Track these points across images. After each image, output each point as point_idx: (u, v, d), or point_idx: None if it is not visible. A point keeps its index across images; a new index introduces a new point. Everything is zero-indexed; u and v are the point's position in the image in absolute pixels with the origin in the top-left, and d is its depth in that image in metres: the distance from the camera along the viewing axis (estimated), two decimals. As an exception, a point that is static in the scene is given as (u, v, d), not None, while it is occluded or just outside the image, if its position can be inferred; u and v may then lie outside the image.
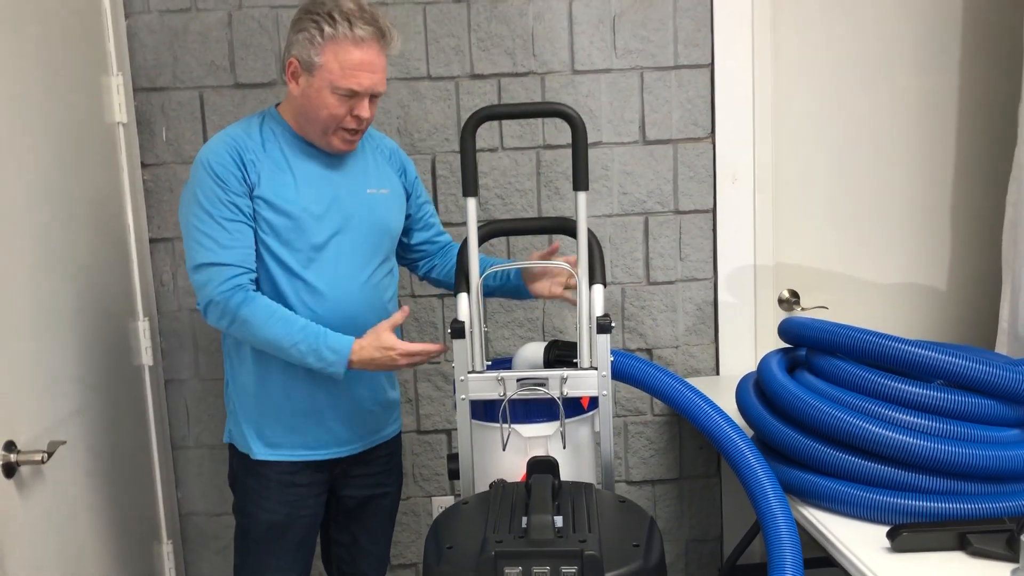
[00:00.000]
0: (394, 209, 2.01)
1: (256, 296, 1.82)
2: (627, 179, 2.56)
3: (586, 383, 1.75)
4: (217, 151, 1.83)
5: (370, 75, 1.81)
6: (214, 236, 1.80)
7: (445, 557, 1.47)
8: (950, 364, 1.68)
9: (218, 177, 1.81)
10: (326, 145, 1.89)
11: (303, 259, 1.87)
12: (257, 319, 1.80)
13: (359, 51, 1.79)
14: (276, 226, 1.85)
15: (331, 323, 1.85)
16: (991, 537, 1.53)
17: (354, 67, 1.80)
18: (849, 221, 2.67)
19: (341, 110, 1.83)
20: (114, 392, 2.16)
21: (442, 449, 2.63)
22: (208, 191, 1.81)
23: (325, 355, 1.80)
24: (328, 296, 1.88)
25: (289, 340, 1.80)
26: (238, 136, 1.87)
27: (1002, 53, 2.59)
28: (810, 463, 1.76)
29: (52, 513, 1.80)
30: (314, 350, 1.80)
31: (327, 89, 1.81)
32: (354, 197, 1.92)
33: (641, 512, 1.61)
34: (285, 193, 1.85)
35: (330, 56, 1.79)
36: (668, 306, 2.62)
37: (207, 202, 1.81)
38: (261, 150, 1.87)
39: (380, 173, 2.00)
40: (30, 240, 1.79)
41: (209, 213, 1.81)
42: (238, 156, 1.83)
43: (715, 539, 2.74)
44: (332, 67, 1.80)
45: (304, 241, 1.86)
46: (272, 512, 1.95)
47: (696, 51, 2.52)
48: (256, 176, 1.84)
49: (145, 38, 2.40)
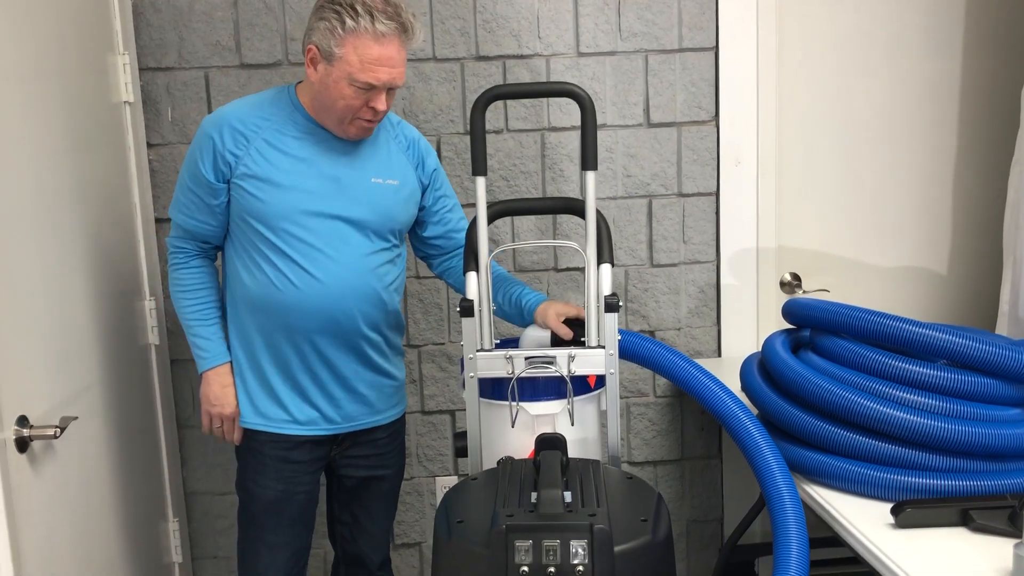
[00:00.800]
0: (401, 200, 2.00)
1: (186, 267, 2.00)
2: (631, 162, 2.57)
3: (594, 361, 1.77)
4: (209, 131, 1.91)
5: (389, 70, 1.82)
6: (184, 199, 1.97)
7: (455, 531, 1.49)
8: (953, 344, 1.69)
9: (199, 158, 1.91)
10: (342, 133, 1.91)
11: (290, 239, 1.89)
12: (174, 285, 2.01)
13: (379, 46, 1.79)
14: (258, 207, 1.88)
15: (316, 304, 1.90)
16: (993, 513, 1.55)
17: (373, 61, 1.79)
18: (851, 205, 2.69)
19: (357, 101, 1.84)
20: (122, 371, 2.17)
21: (446, 430, 2.65)
22: (190, 162, 1.94)
23: (202, 353, 2.01)
24: (316, 277, 1.90)
25: (190, 319, 2.00)
26: (245, 114, 1.91)
27: (1005, 39, 2.60)
28: (815, 441, 1.78)
29: (62, 489, 1.81)
30: (200, 339, 2.00)
31: (345, 80, 1.81)
32: (356, 184, 1.93)
33: (648, 488, 1.63)
34: (279, 174, 1.88)
35: (350, 49, 1.79)
36: (671, 288, 2.63)
37: (187, 171, 1.95)
38: (266, 124, 1.90)
39: (391, 163, 2.00)
40: (40, 218, 1.79)
41: (186, 180, 1.96)
42: (231, 138, 1.88)
43: (716, 519, 2.76)
44: (351, 60, 1.80)
45: (292, 220, 1.88)
46: (267, 488, 1.99)
47: (700, 34, 2.53)
48: (245, 152, 1.89)
49: (151, 17, 2.40)
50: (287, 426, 1.98)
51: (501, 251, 2.13)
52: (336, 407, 1.99)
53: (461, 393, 2.55)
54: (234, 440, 2.03)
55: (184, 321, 2.02)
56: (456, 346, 2.61)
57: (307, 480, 2.01)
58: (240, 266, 1.94)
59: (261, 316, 1.94)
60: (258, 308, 1.94)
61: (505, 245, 2.15)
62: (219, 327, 2.01)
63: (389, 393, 2.07)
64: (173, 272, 2.02)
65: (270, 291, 1.91)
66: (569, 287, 2.60)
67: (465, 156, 2.52)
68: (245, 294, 1.94)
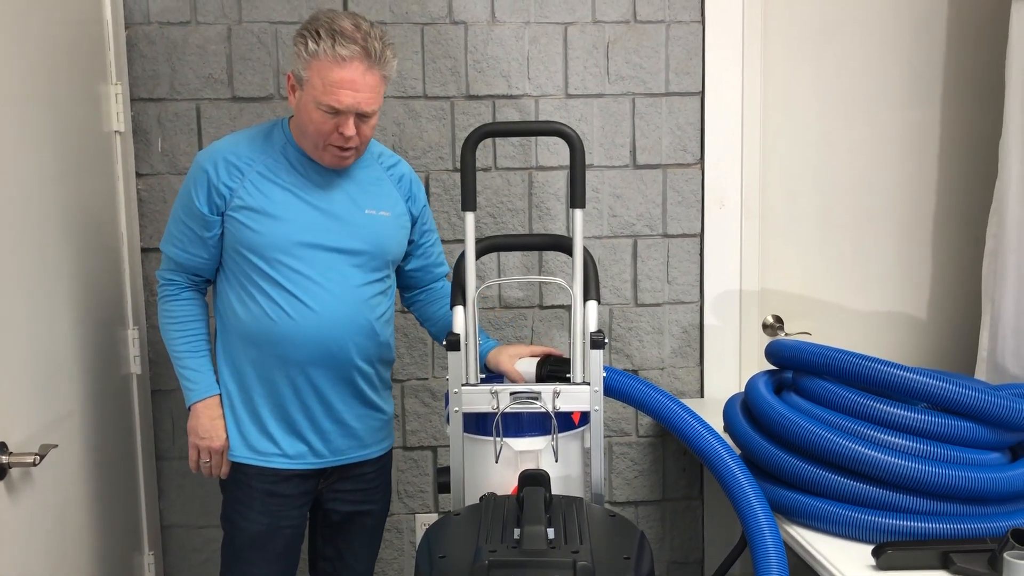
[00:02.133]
0: (393, 232, 2.01)
1: (176, 299, 1.99)
2: (617, 202, 2.60)
3: (579, 398, 1.77)
4: (203, 164, 1.92)
5: (352, 94, 1.81)
6: (177, 232, 1.96)
7: (437, 566, 1.48)
8: (935, 387, 1.72)
9: (192, 193, 1.91)
10: (319, 159, 1.92)
11: (285, 270, 1.89)
12: (168, 315, 1.99)
13: (340, 69, 1.80)
14: (254, 240, 1.88)
15: (311, 335, 1.90)
16: (973, 556, 1.56)
17: (334, 84, 1.80)
18: (833, 249, 2.73)
19: (326, 126, 1.85)
20: (103, 399, 2.16)
21: (427, 466, 2.64)
22: (184, 196, 1.95)
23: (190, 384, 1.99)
24: (311, 308, 1.90)
25: (179, 350, 1.99)
26: (239, 147, 1.92)
27: (983, 90, 2.66)
28: (797, 482, 1.79)
29: (40, 517, 1.78)
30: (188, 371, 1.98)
31: (312, 104, 1.83)
32: (350, 216, 1.94)
33: (631, 526, 1.63)
34: (271, 212, 1.89)
35: (314, 72, 1.82)
36: (655, 328, 2.65)
37: (180, 204, 1.96)
38: (260, 157, 1.91)
39: (384, 195, 2.01)
40: (26, 243, 1.79)
41: (179, 212, 1.96)
42: (226, 171, 1.89)
43: (696, 561, 2.75)
44: (316, 83, 1.82)
45: (287, 252, 1.89)
46: (254, 522, 1.97)
47: (687, 79, 2.58)
48: (239, 185, 1.89)
49: (144, 49, 2.42)
50: (276, 459, 1.96)
51: (487, 287, 2.14)
52: (325, 441, 1.97)
53: (445, 428, 2.55)
54: (221, 474, 2.00)
55: (173, 353, 2.00)
56: (439, 382, 2.61)
57: (294, 514, 1.99)
58: (234, 298, 1.94)
59: (254, 348, 1.93)
60: (252, 340, 1.93)
61: (491, 280, 2.16)
62: (208, 359, 2.00)
63: (378, 427, 2.06)
64: (163, 304, 2.00)
65: (264, 322, 1.90)
66: (554, 324, 2.61)
67: (453, 192, 2.54)
68: (239, 326, 1.94)
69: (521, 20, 2.51)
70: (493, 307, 2.59)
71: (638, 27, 2.55)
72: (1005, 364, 2.26)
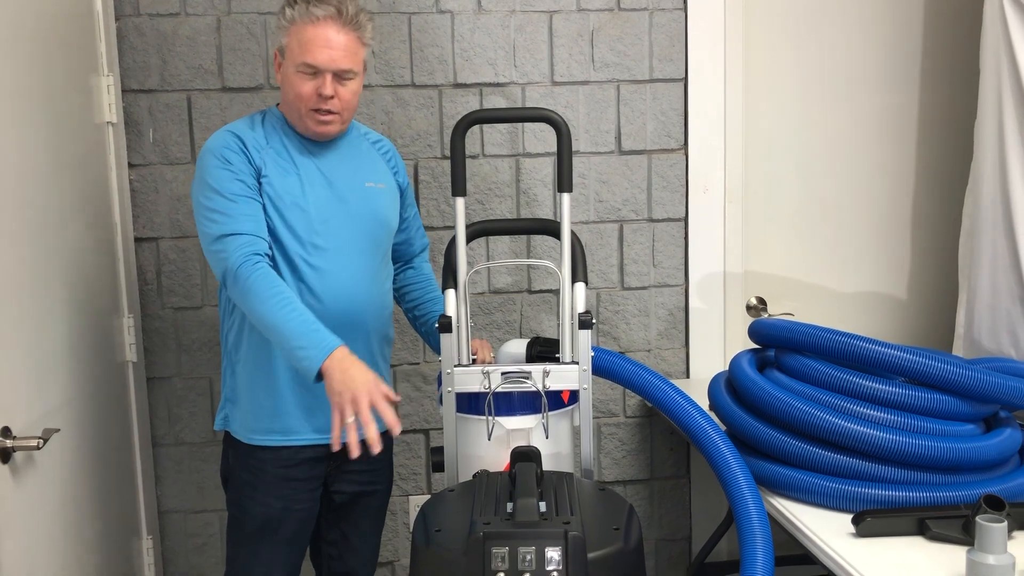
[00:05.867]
0: (390, 204, 2.07)
1: (267, 271, 1.82)
2: (603, 187, 2.65)
3: (567, 377, 1.82)
4: (221, 138, 1.92)
5: (328, 51, 1.87)
6: (224, 210, 1.85)
7: (434, 539, 1.53)
8: (911, 362, 1.78)
9: (224, 159, 1.88)
10: (304, 129, 1.95)
11: (308, 249, 1.92)
12: (261, 292, 1.78)
13: (314, 28, 1.87)
14: (282, 219, 1.91)
15: (334, 312, 1.91)
16: (948, 523, 1.62)
17: (309, 42, 1.87)
18: (815, 232, 2.79)
19: (306, 89, 1.89)
20: (100, 386, 2.19)
21: (420, 449, 2.69)
22: (215, 172, 1.87)
23: (311, 342, 1.75)
24: (332, 286, 1.93)
25: (284, 320, 1.76)
26: (241, 130, 1.94)
27: (959, 74, 2.73)
28: (779, 455, 1.85)
29: (42, 501, 1.82)
30: (304, 333, 1.76)
31: (292, 69, 1.89)
32: (353, 190, 1.99)
33: (620, 499, 1.68)
34: (291, 189, 1.91)
35: (292, 37, 1.89)
36: (641, 311, 2.70)
37: (214, 181, 1.87)
38: (265, 144, 1.94)
39: (377, 169, 2.07)
40: (24, 234, 1.82)
41: (217, 191, 1.86)
42: (241, 143, 1.91)
43: (684, 538, 2.82)
44: (293, 47, 1.89)
45: (308, 232, 1.92)
46: (267, 505, 1.97)
47: (671, 66, 2.62)
48: (261, 163, 1.91)
49: (135, 40, 2.45)
50: (294, 438, 1.97)
51: (476, 271, 2.19)
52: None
53: (439, 409, 2.60)
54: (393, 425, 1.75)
55: (278, 326, 1.77)
56: (431, 366, 2.65)
57: (305, 497, 2.00)
58: None
59: None
60: None
61: (481, 264, 2.21)
62: (312, 315, 1.81)
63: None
64: (249, 279, 1.80)
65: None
66: (543, 308, 2.66)
67: (442, 179, 2.58)
68: None
69: (507, 8, 2.55)
70: (483, 292, 2.64)
71: (622, 15, 2.59)
72: (981, 340, 2.32)
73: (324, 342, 1.75)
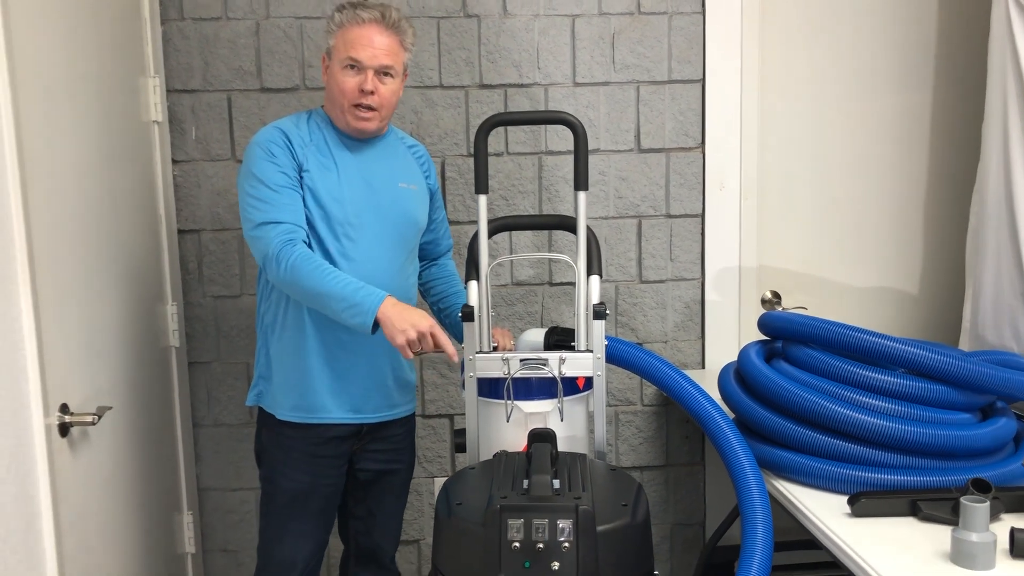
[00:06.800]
0: (420, 204, 2.21)
1: (306, 251, 1.97)
2: (622, 184, 2.76)
3: (582, 364, 1.94)
4: (269, 132, 2.07)
5: (371, 48, 2.04)
6: (267, 199, 2.00)
7: (455, 511, 1.66)
8: (909, 353, 1.87)
9: (270, 152, 2.03)
10: (344, 125, 2.10)
11: (341, 240, 2.05)
12: (305, 268, 1.93)
13: (360, 28, 2.04)
14: (320, 211, 2.05)
15: None
16: (939, 504, 1.71)
17: (355, 40, 2.04)
18: (828, 228, 2.87)
19: (349, 84, 2.04)
20: (146, 370, 2.34)
21: (444, 433, 2.81)
22: (260, 164, 2.02)
23: (361, 297, 1.91)
24: (360, 274, 2.03)
25: (331, 286, 1.91)
26: (287, 126, 2.09)
27: (970, 75, 2.80)
28: (783, 441, 1.95)
29: (95, 473, 1.97)
30: (353, 291, 1.91)
31: (338, 66, 2.06)
32: (387, 189, 2.13)
33: (629, 478, 1.79)
34: (330, 183, 2.05)
35: (338, 38, 2.07)
36: (658, 303, 2.81)
37: (259, 172, 2.02)
38: (308, 140, 2.09)
39: (410, 171, 2.21)
40: (78, 225, 1.96)
41: (261, 180, 2.01)
42: (286, 139, 2.06)
43: (698, 523, 2.92)
44: (339, 46, 2.06)
45: (343, 224, 2.06)
46: (296, 480, 2.11)
47: (688, 67, 2.72)
48: (304, 159, 2.05)
49: (179, 43, 2.59)
50: (322, 416, 2.10)
51: (497, 263, 2.30)
52: (367, 398, 2.12)
53: (461, 394, 2.72)
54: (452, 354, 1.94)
55: (326, 293, 1.92)
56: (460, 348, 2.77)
57: (333, 473, 2.14)
58: None
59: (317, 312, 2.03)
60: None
61: (502, 257, 2.32)
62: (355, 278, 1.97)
63: (407, 388, 2.23)
64: (292, 261, 1.94)
65: None
66: (563, 300, 2.78)
67: (468, 176, 2.70)
68: None
69: (531, 13, 2.67)
70: (506, 284, 2.75)
71: (642, 18, 2.69)
72: (985, 334, 2.40)
73: (373, 294, 1.92)
